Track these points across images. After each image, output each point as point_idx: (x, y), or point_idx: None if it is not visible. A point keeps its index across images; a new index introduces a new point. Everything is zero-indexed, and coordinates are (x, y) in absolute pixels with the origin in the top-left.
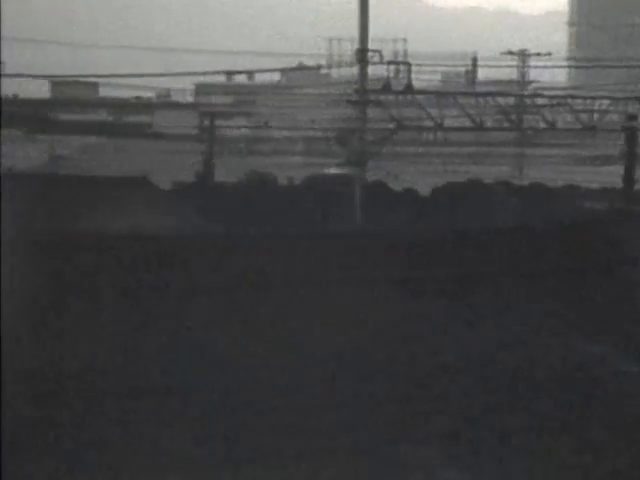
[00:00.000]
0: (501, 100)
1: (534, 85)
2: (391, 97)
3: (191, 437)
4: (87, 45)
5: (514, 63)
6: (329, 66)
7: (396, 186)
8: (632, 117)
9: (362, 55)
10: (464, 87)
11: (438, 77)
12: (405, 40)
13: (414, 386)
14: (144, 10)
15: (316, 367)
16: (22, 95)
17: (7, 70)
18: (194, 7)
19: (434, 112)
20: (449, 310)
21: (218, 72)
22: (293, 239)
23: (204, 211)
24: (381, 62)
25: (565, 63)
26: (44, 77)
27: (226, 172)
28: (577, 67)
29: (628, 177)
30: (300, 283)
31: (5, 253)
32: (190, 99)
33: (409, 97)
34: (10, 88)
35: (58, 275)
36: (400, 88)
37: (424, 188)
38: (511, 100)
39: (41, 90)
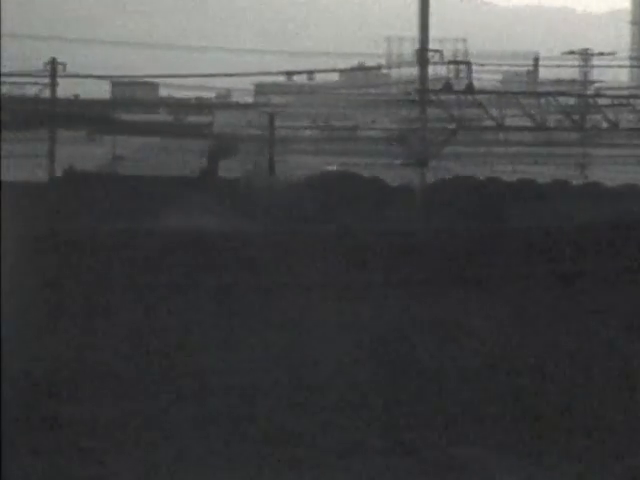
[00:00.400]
0: (563, 100)
1: (596, 85)
2: (452, 97)
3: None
4: (148, 45)
5: (576, 63)
6: (389, 66)
7: None
8: None
9: (422, 55)
10: (525, 87)
11: (499, 77)
12: (465, 40)
13: None
14: (205, 10)
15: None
16: (83, 96)
17: (69, 71)
18: (254, 7)
19: (495, 112)
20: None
21: (278, 72)
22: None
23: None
24: (441, 62)
25: (628, 62)
26: (105, 78)
27: (287, 170)
28: None
29: None
30: None
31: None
32: (250, 99)
33: (470, 97)
34: (72, 89)
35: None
36: (461, 88)
37: None
38: (573, 100)
39: (102, 91)
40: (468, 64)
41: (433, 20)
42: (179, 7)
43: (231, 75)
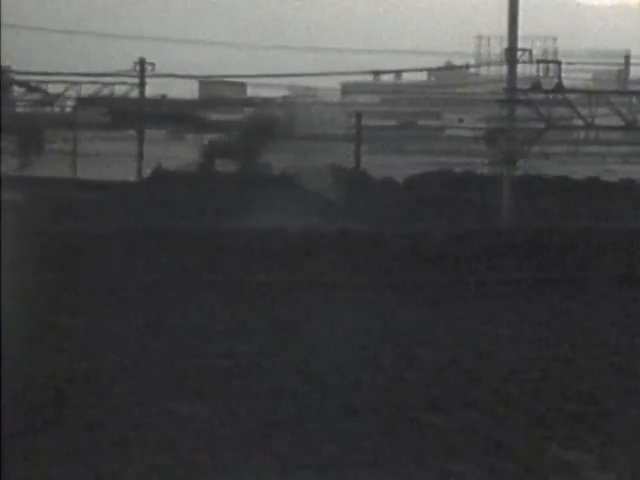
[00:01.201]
0: None
1: None
2: (540, 96)
3: None
4: (235, 45)
5: None
6: (477, 65)
7: None
8: None
9: (511, 54)
10: (616, 86)
11: (589, 76)
12: (555, 38)
13: None
14: (291, 9)
15: None
16: (171, 96)
17: (157, 70)
18: (341, 6)
19: (585, 111)
20: None
21: (365, 71)
22: None
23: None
24: (530, 61)
25: None
26: (193, 77)
27: (377, 170)
28: None
29: None
30: None
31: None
32: (337, 98)
33: (559, 96)
34: (159, 88)
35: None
36: (550, 87)
37: None
38: None
39: (190, 90)
40: (557, 63)
41: (522, 19)
42: (265, 6)
43: (318, 74)
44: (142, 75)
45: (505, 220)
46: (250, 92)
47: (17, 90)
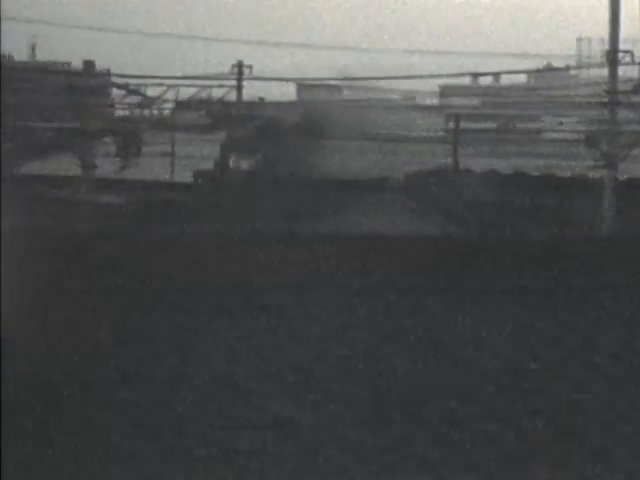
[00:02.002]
0: None
1: None
2: None
3: None
4: (332, 48)
5: None
6: (578, 67)
7: None
8: None
9: (612, 56)
10: None
11: None
12: None
13: None
14: (387, 11)
15: None
16: (269, 99)
17: (255, 73)
18: (438, 7)
19: None
20: None
21: (464, 74)
22: None
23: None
24: (632, 63)
25: None
26: (291, 80)
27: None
28: None
29: None
30: None
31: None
32: (435, 101)
33: None
34: (257, 92)
35: None
36: None
37: None
38: None
39: (288, 94)
40: None
41: (624, 20)
42: (361, 8)
43: (415, 77)
44: (240, 78)
45: (607, 226)
46: (346, 95)
47: (116, 93)
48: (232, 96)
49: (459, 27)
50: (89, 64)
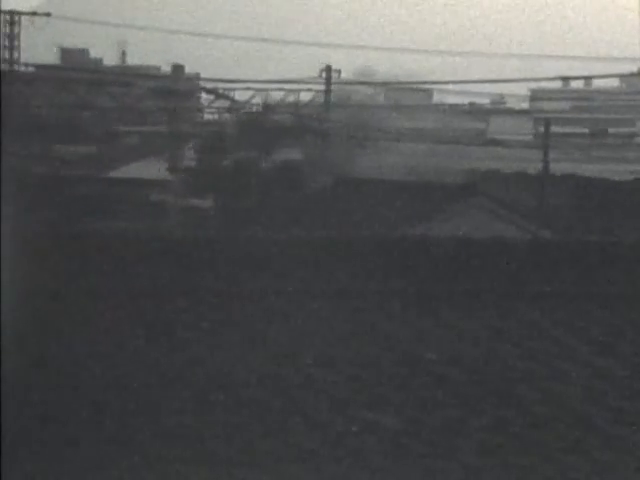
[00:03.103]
0: None
1: None
2: None
3: None
4: (421, 51)
5: None
6: None
7: None
8: None
9: None
10: None
11: None
12: None
13: None
14: (476, 17)
15: None
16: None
17: (343, 77)
18: (531, 11)
19: None
20: None
21: (554, 78)
22: None
23: None
24: None
25: None
26: (379, 84)
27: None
28: None
29: None
30: None
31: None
32: (525, 105)
33: None
34: (346, 95)
35: None
36: None
37: None
38: None
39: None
40: None
41: None
42: (442, 12)
43: (505, 81)
44: (328, 82)
45: None
46: (436, 99)
47: (205, 97)
48: (320, 100)
49: (548, 30)
50: (178, 68)
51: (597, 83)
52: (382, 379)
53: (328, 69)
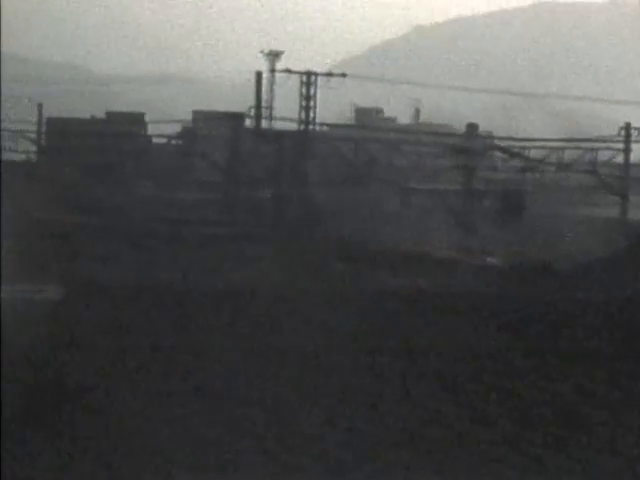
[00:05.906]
0: None
1: None
2: None
3: None
4: None
5: None
6: None
7: None
8: None
9: None
10: None
11: None
12: None
13: None
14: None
15: None
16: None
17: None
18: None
19: None
20: None
21: None
22: None
23: None
24: None
25: None
26: None
27: None
28: None
29: None
30: None
31: None
32: None
33: None
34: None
35: None
36: None
37: None
38: None
39: None
40: None
41: None
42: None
43: None
44: (627, 140)
45: None
46: None
47: (499, 156)
48: (619, 159)
49: None
50: (472, 126)
51: None
52: None
53: (627, 127)
